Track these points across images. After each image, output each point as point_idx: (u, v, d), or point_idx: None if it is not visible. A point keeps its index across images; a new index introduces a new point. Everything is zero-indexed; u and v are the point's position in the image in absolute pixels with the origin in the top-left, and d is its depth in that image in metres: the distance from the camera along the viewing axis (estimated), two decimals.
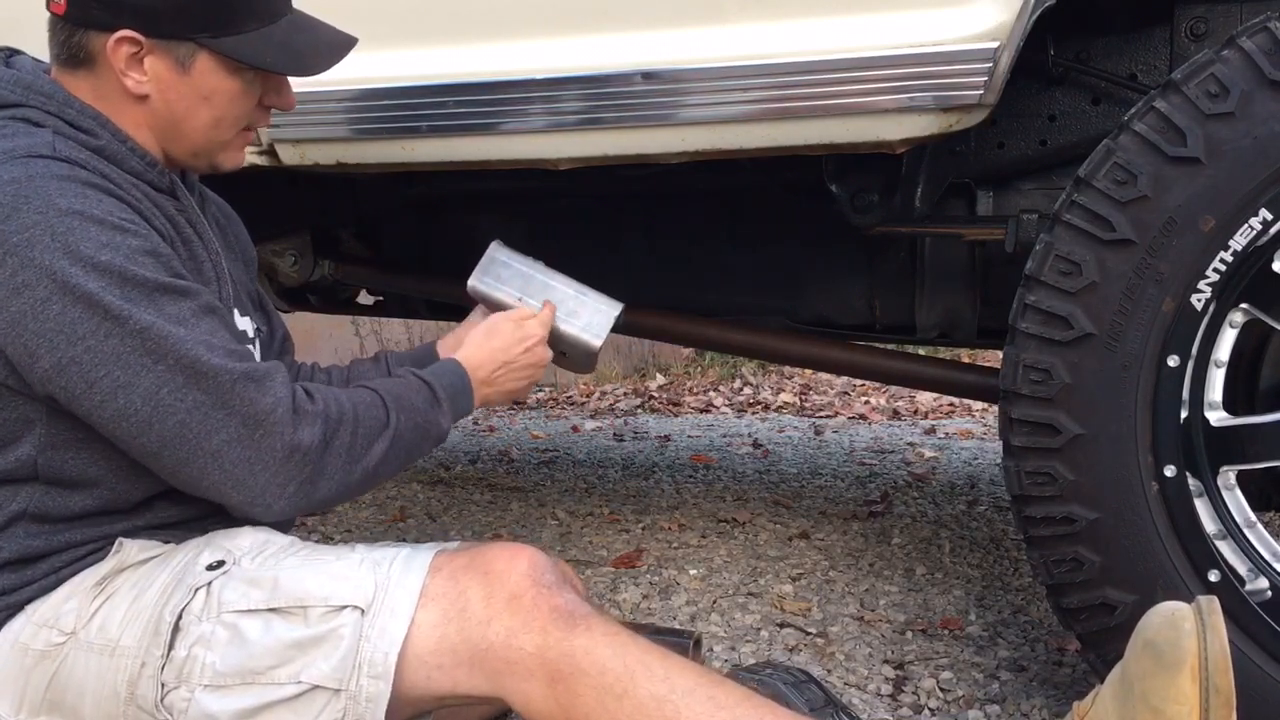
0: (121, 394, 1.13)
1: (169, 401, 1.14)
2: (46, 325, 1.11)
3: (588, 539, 2.60)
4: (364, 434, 1.25)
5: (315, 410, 1.21)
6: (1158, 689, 1.12)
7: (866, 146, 1.57)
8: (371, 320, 5.04)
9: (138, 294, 1.13)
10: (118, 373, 1.13)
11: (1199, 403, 1.44)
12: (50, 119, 1.22)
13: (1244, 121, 1.34)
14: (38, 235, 1.11)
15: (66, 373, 1.13)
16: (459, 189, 2.28)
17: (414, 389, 1.35)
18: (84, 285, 1.11)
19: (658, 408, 4.90)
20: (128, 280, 1.13)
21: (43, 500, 1.21)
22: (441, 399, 1.37)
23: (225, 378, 1.15)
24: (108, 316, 1.12)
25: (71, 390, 1.14)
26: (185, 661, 1.15)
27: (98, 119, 1.24)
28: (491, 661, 1.14)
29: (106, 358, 1.12)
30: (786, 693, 1.57)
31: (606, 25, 1.60)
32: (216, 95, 1.27)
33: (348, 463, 1.24)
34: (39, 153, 1.17)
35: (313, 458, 1.20)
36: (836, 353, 2.18)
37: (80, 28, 1.23)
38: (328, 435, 1.21)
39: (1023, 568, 2.36)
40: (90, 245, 1.12)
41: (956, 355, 3.86)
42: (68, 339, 1.11)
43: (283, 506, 1.20)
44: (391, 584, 1.17)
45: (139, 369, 1.13)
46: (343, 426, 1.23)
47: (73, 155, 1.19)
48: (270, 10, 1.27)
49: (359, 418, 1.25)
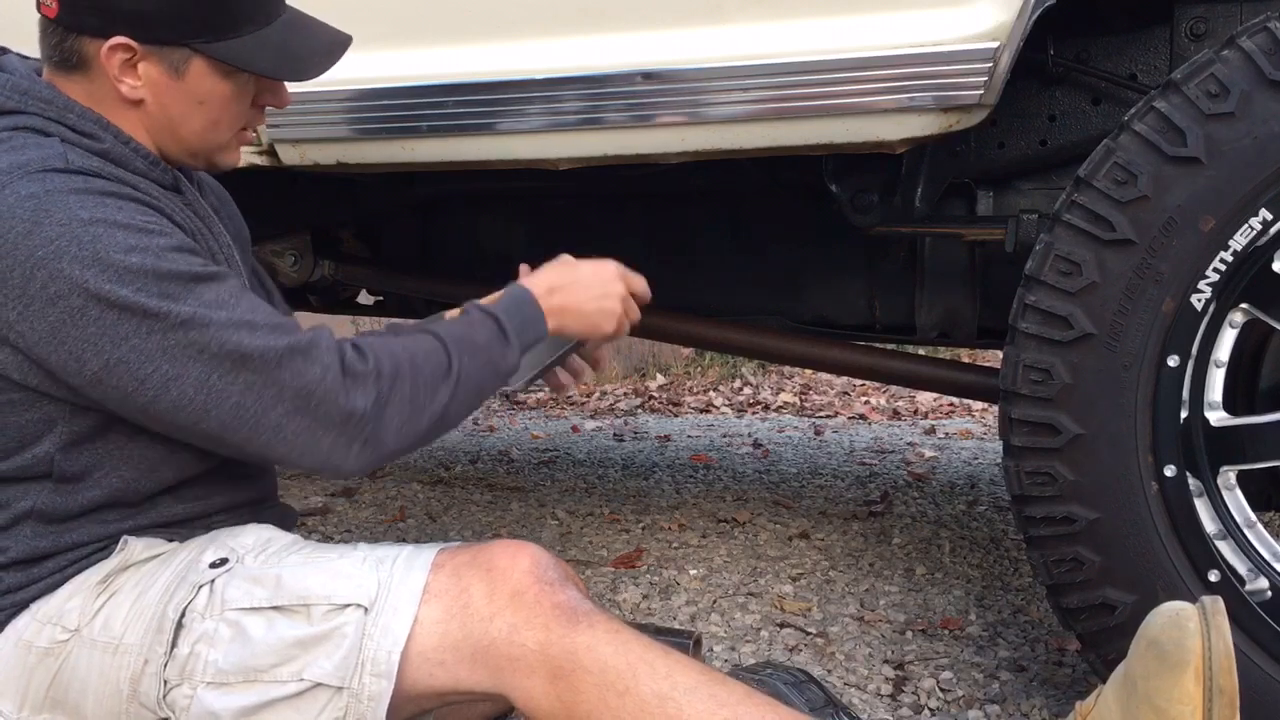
0: (174, 386, 1.13)
1: (220, 386, 1.14)
2: (88, 331, 1.11)
3: (588, 539, 2.60)
4: (426, 383, 1.24)
5: (367, 370, 1.20)
6: (1161, 689, 1.12)
7: (866, 146, 1.57)
8: (371, 320, 5.04)
9: (174, 288, 1.13)
10: (165, 366, 1.13)
11: (1199, 403, 1.44)
12: (53, 125, 1.21)
13: (1244, 121, 1.34)
14: (64, 246, 1.10)
15: (115, 373, 1.13)
16: (459, 189, 2.28)
17: (478, 325, 1.32)
18: (117, 291, 1.11)
19: (658, 408, 4.89)
20: (162, 277, 1.13)
21: (51, 498, 1.21)
22: (509, 331, 1.33)
23: (271, 354, 1.15)
24: (147, 315, 1.12)
25: (124, 389, 1.14)
26: (188, 659, 1.15)
27: (99, 122, 1.23)
28: (494, 658, 1.14)
29: (153, 354, 1.12)
30: (786, 693, 1.57)
31: (606, 25, 1.60)
32: (211, 99, 1.26)
33: (412, 414, 1.23)
34: (53, 166, 1.16)
35: (370, 417, 1.19)
36: (836, 353, 2.18)
37: (73, 32, 1.21)
38: (382, 393, 1.20)
39: (1023, 568, 2.36)
40: (118, 251, 1.11)
41: (956, 355, 3.86)
42: (111, 341, 1.11)
43: (355, 464, 1.21)
44: (394, 582, 1.17)
45: (186, 360, 1.13)
46: (399, 380, 1.22)
47: (86, 165, 1.18)
48: (265, 13, 1.26)
49: (417, 367, 1.24)
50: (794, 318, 2.30)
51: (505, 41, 1.65)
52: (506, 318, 1.33)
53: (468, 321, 1.33)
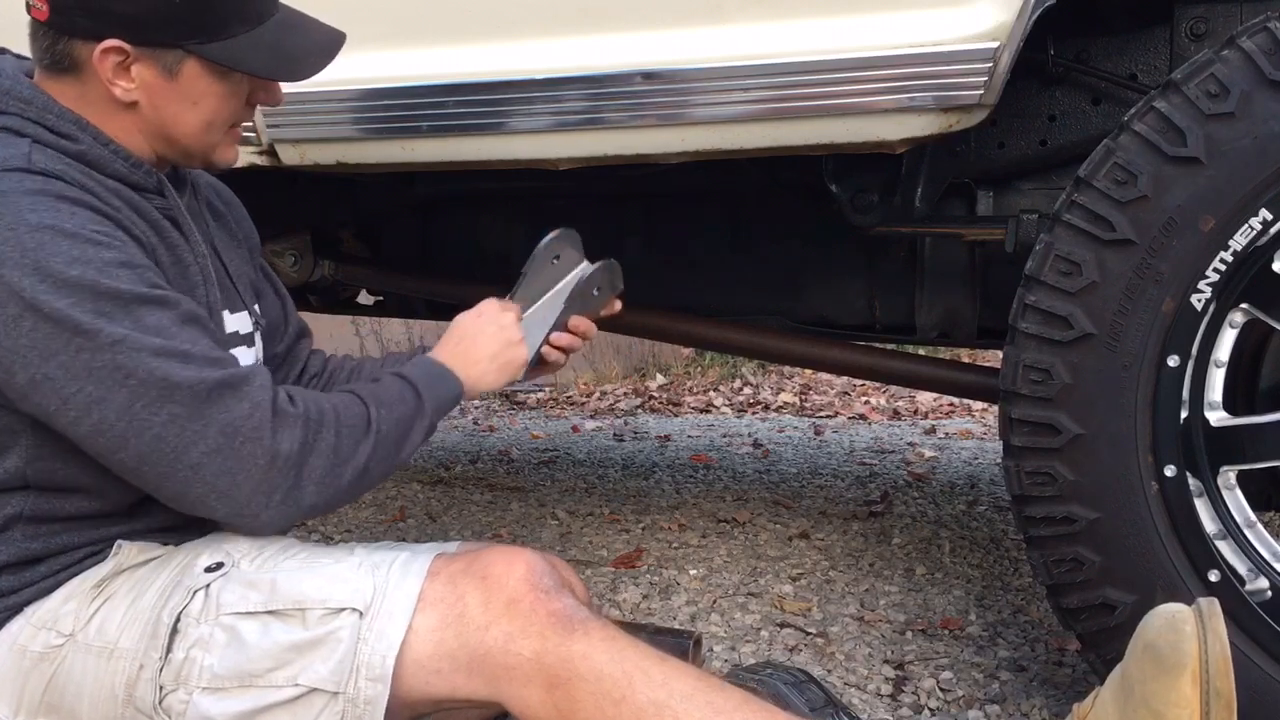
0: (95, 409, 1.11)
1: (144, 416, 1.12)
2: (19, 342, 1.10)
3: (588, 539, 2.60)
4: (348, 434, 1.23)
5: (296, 413, 1.19)
6: (1158, 692, 1.11)
7: (866, 146, 1.57)
8: (371, 320, 5.04)
9: (111, 307, 1.11)
10: (90, 388, 1.11)
11: (1199, 403, 1.44)
12: (31, 126, 1.19)
13: (1244, 121, 1.34)
14: (7, 252, 1.09)
15: (40, 389, 1.11)
16: (459, 189, 2.28)
17: (390, 385, 1.33)
18: (53, 303, 1.09)
19: (658, 408, 4.89)
20: (101, 294, 1.11)
21: (38, 504, 1.21)
22: (421, 389, 1.33)
23: (201, 387, 1.13)
24: (79, 332, 1.10)
25: (46, 406, 1.12)
26: (183, 664, 1.15)
27: (78, 123, 1.21)
28: (489, 666, 1.14)
29: (79, 373, 1.10)
30: (786, 693, 1.57)
31: (606, 25, 1.60)
32: (205, 100, 1.25)
33: (334, 465, 1.21)
34: (13, 165, 1.14)
35: (295, 462, 1.17)
36: (836, 353, 2.18)
37: (64, 35, 1.20)
38: (309, 438, 1.19)
39: (1023, 568, 2.36)
40: (60, 260, 1.10)
41: (956, 355, 3.86)
42: (40, 355, 1.10)
43: (271, 516, 1.18)
44: (390, 587, 1.17)
45: (112, 384, 1.11)
46: (325, 429, 1.21)
47: (49, 167, 1.16)
48: (258, 12, 1.25)
49: (340, 418, 1.23)
50: (794, 318, 2.30)
51: (505, 41, 1.65)
52: (414, 377, 1.35)
53: (381, 385, 1.33)
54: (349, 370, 1.61)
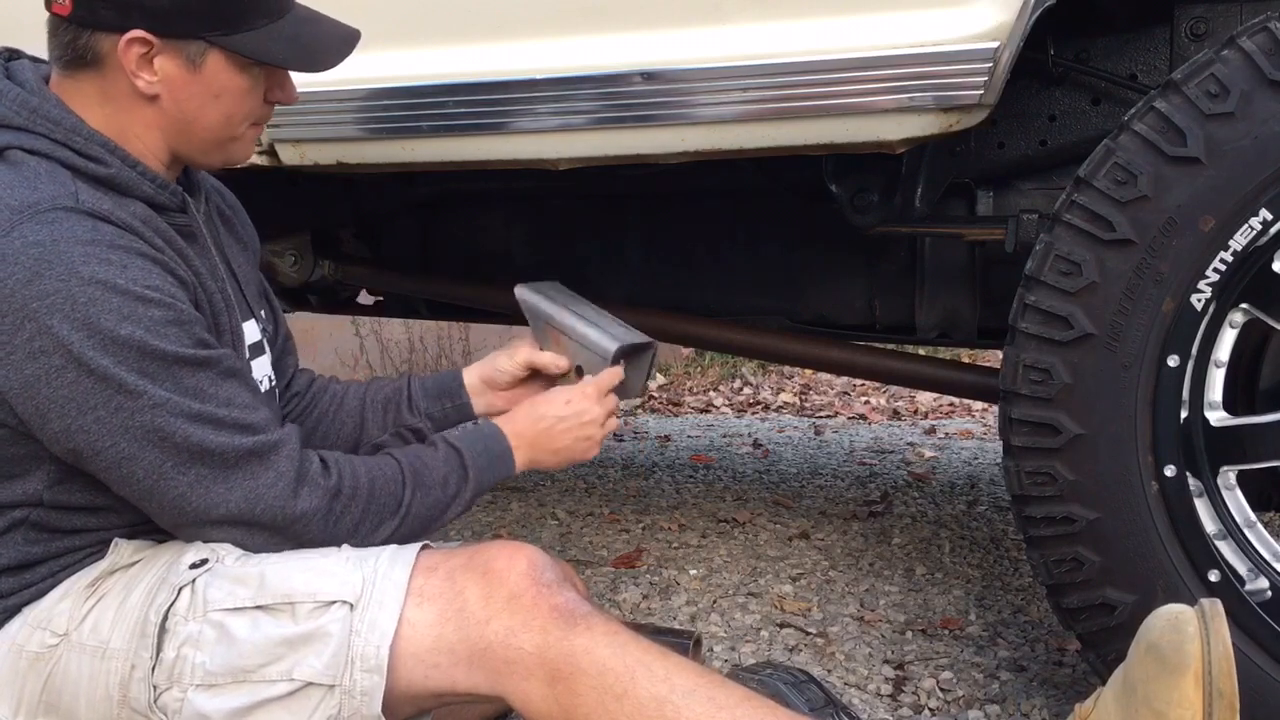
0: (125, 465, 1.15)
1: (172, 475, 1.16)
2: (60, 392, 1.11)
3: (588, 539, 2.60)
4: (374, 513, 1.26)
5: (325, 485, 1.22)
6: (1161, 692, 1.11)
7: (866, 146, 1.57)
8: (371, 320, 5.03)
9: (155, 367, 1.13)
10: (124, 444, 1.14)
11: (1199, 403, 1.44)
12: (59, 149, 1.19)
13: (1244, 121, 1.34)
14: (58, 303, 1.10)
15: (75, 438, 1.13)
16: (459, 189, 2.28)
17: (440, 462, 1.34)
18: (99, 359, 1.11)
19: (658, 408, 4.89)
20: (147, 354, 1.13)
21: (46, 515, 1.22)
22: (472, 471, 1.35)
23: (231, 454, 1.17)
24: (120, 390, 1.12)
25: (79, 454, 1.15)
26: (175, 662, 1.15)
27: (106, 145, 1.21)
28: (491, 661, 1.14)
29: (115, 429, 1.13)
30: (786, 693, 1.57)
31: (606, 25, 1.60)
32: (226, 93, 1.26)
33: (350, 536, 1.24)
34: (63, 204, 1.14)
35: (313, 528, 1.21)
36: (836, 353, 2.18)
37: (87, 29, 1.20)
38: (333, 510, 1.23)
39: (1023, 568, 2.36)
40: (111, 319, 1.11)
41: (956, 355, 3.85)
42: (79, 408, 1.12)
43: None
44: (379, 578, 1.17)
45: (146, 443, 1.14)
46: (353, 503, 1.24)
47: (97, 207, 1.16)
48: (277, 7, 1.27)
49: (373, 494, 1.26)
50: (794, 318, 2.30)
51: (505, 42, 1.65)
52: (471, 457, 1.36)
53: (433, 455, 1.34)
54: (333, 396, 1.59)
